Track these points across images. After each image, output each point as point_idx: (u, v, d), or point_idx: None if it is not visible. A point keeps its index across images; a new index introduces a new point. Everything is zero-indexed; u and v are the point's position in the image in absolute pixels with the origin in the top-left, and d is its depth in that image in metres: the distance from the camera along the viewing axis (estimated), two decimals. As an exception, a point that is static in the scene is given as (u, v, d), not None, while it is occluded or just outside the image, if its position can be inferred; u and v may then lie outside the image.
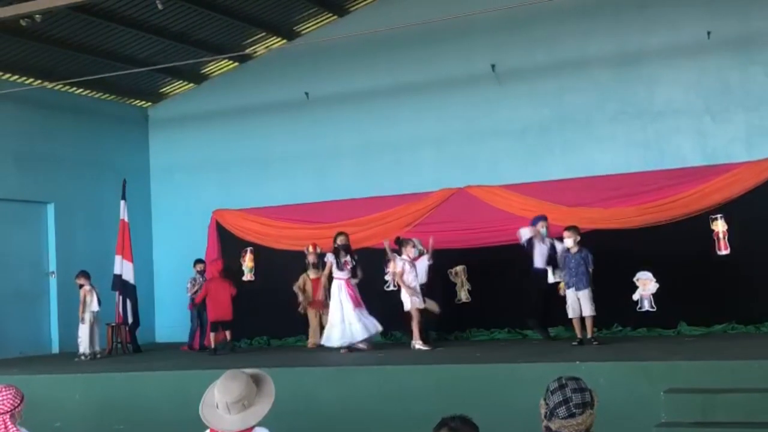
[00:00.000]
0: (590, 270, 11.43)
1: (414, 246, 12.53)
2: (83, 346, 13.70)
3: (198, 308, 14.69)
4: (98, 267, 15.10)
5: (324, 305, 13.25)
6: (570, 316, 11.52)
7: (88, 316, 13.76)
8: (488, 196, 14.03)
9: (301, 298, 13.79)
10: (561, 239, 11.88)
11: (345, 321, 12.46)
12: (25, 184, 15.62)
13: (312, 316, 13.90)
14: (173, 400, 10.18)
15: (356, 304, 12.56)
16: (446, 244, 13.81)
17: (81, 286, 13.92)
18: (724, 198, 12.72)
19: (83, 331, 13.74)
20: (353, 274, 12.77)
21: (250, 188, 16.58)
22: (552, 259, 12.33)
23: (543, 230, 12.52)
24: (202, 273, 14.76)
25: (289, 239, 14.96)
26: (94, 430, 10.60)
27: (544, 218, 12.64)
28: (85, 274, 13.98)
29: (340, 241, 12.91)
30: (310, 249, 13.88)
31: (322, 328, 13.26)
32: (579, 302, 11.38)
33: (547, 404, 3.44)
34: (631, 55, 14.54)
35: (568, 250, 11.61)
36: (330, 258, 12.76)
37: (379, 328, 12.67)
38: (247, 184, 16.73)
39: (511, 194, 13.90)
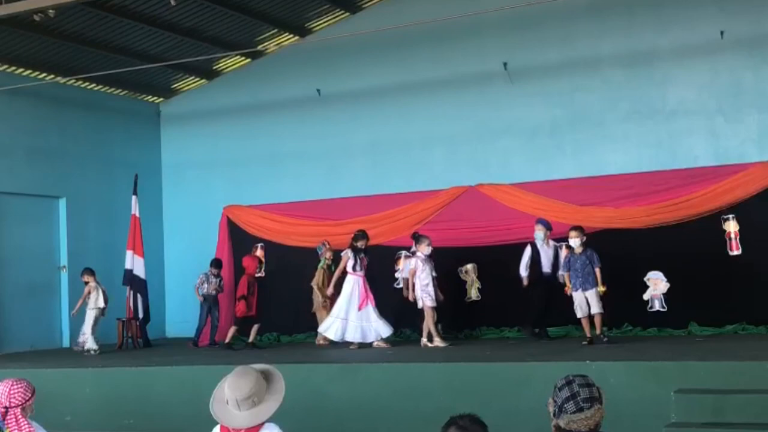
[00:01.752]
0: (597, 269, 11.39)
1: (429, 244, 12.50)
2: (89, 342, 13.71)
3: (209, 304, 14.73)
4: (109, 262, 15.19)
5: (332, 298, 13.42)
6: (579, 316, 11.50)
7: (93, 313, 13.81)
8: (499, 194, 14.02)
9: (319, 297, 13.81)
10: (566, 239, 11.91)
11: (347, 318, 12.57)
12: (37, 178, 15.67)
13: (322, 313, 13.94)
14: (183, 395, 10.22)
15: (364, 304, 12.62)
16: (456, 242, 13.84)
17: (86, 283, 13.99)
18: (736, 198, 12.69)
19: (87, 327, 13.79)
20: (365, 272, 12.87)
21: (261, 185, 16.60)
22: (555, 262, 12.42)
23: (539, 233, 12.51)
24: (216, 275, 14.78)
25: (300, 236, 14.99)
26: (104, 424, 10.63)
27: (540, 221, 12.61)
28: (90, 272, 14.04)
29: (362, 244, 12.91)
30: (327, 245, 13.92)
31: None
32: (587, 301, 11.36)
33: (555, 402, 3.45)
34: (643, 55, 14.49)
35: (573, 250, 11.57)
36: (349, 254, 12.79)
37: (382, 334, 12.67)
38: (258, 181, 16.74)
39: (522, 193, 13.88)
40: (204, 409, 4.62)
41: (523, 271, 12.49)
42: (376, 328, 12.63)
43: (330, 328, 12.75)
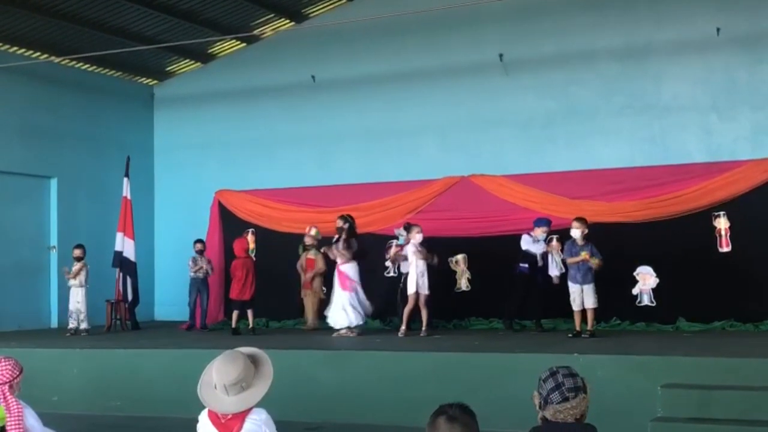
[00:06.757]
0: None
1: (420, 231, 12.50)
2: (86, 322, 13.83)
3: (199, 287, 14.69)
4: (99, 243, 15.13)
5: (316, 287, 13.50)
6: (575, 309, 11.49)
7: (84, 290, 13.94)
8: (491, 185, 14.02)
9: (302, 278, 13.86)
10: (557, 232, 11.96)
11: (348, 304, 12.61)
12: (29, 158, 15.61)
13: (309, 298, 13.93)
14: (171, 378, 10.21)
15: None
16: (448, 232, 13.83)
17: (81, 258, 13.98)
18: (727, 195, 12.72)
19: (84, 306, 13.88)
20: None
21: (253, 169, 16.57)
22: (544, 258, 12.60)
23: (542, 236, 12.60)
24: (201, 253, 14.75)
25: (291, 222, 14.97)
26: (91, 405, 10.62)
27: (543, 225, 12.65)
28: (83, 249, 14.16)
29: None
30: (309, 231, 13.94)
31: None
32: (582, 295, 11.36)
33: (540, 394, 3.47)
34: (639, 50, 14.50)
35: (574, 242, 11.55)
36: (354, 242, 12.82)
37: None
38: (250, 166, 16.71)
39: (515, 184, 13.89)
40: (192, 392, 4.62)
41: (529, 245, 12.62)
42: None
43: (339, 318, 12.72)
